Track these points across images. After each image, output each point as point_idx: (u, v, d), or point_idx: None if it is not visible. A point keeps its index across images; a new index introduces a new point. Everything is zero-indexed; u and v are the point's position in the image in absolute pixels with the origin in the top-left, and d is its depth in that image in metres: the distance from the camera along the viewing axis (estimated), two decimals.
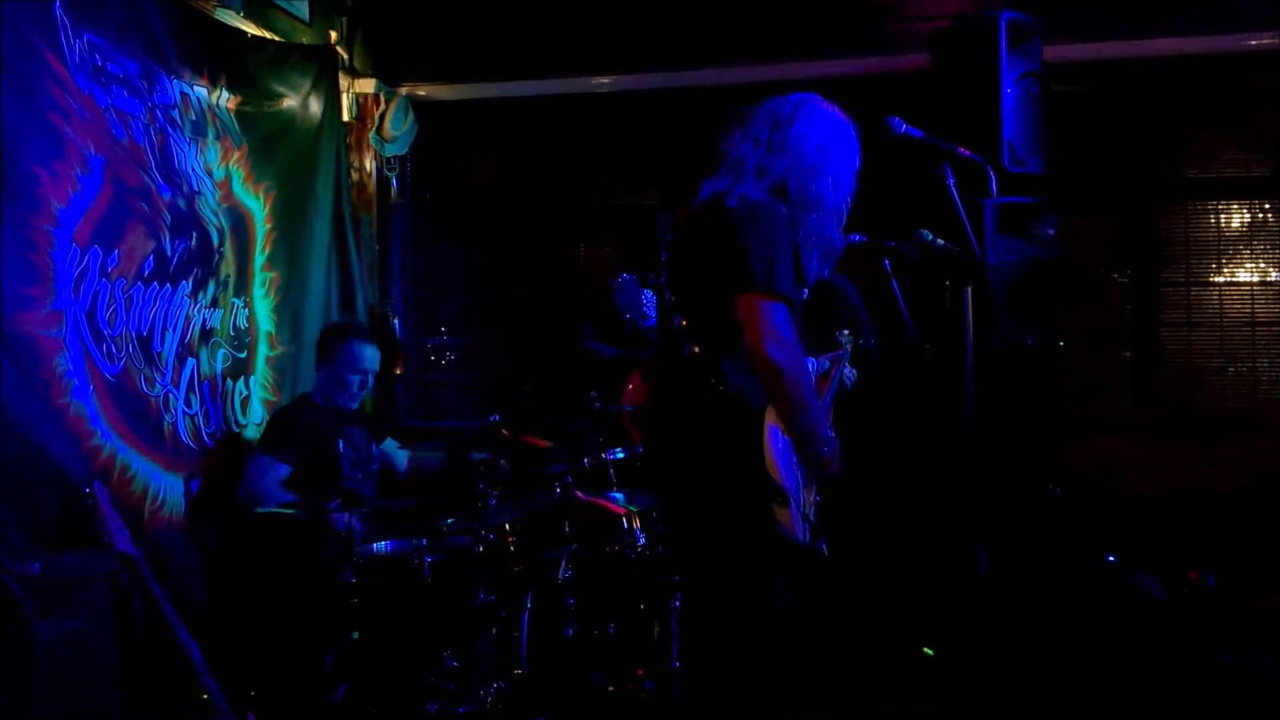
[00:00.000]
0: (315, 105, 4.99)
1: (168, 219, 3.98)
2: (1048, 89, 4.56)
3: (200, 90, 4.27)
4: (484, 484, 3.93)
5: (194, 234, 4.15)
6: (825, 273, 3.00)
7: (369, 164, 5.61)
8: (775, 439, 2.74)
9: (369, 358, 4.31)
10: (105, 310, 3.64)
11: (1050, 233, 4.59)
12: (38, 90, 3.38)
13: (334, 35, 5.31)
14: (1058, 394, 5.34)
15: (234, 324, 4.44)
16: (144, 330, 3.84)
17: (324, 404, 4.30)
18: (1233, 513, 4.85)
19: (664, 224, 3.09)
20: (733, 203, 2.81)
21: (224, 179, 4.39)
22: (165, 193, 3.98)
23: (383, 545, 3.91)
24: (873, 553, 4.82)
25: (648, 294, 4.11)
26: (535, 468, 4.27)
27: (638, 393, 4.61)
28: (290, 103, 4.85)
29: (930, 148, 3.35)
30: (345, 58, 5.42)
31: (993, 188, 4.00)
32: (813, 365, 3.07)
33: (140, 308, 3.82)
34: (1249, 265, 5.33)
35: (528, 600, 3.84)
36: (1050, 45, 4.58)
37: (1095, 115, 5.35)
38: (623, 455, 4.24)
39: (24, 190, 3.29)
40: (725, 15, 5.32)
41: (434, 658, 3.69)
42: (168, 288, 3.98)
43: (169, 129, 4.04)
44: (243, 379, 4.49)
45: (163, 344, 3.95)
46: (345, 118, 5.35)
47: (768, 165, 2.88)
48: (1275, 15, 4.91)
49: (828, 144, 2.92)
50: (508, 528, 4.01)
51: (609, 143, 5.79)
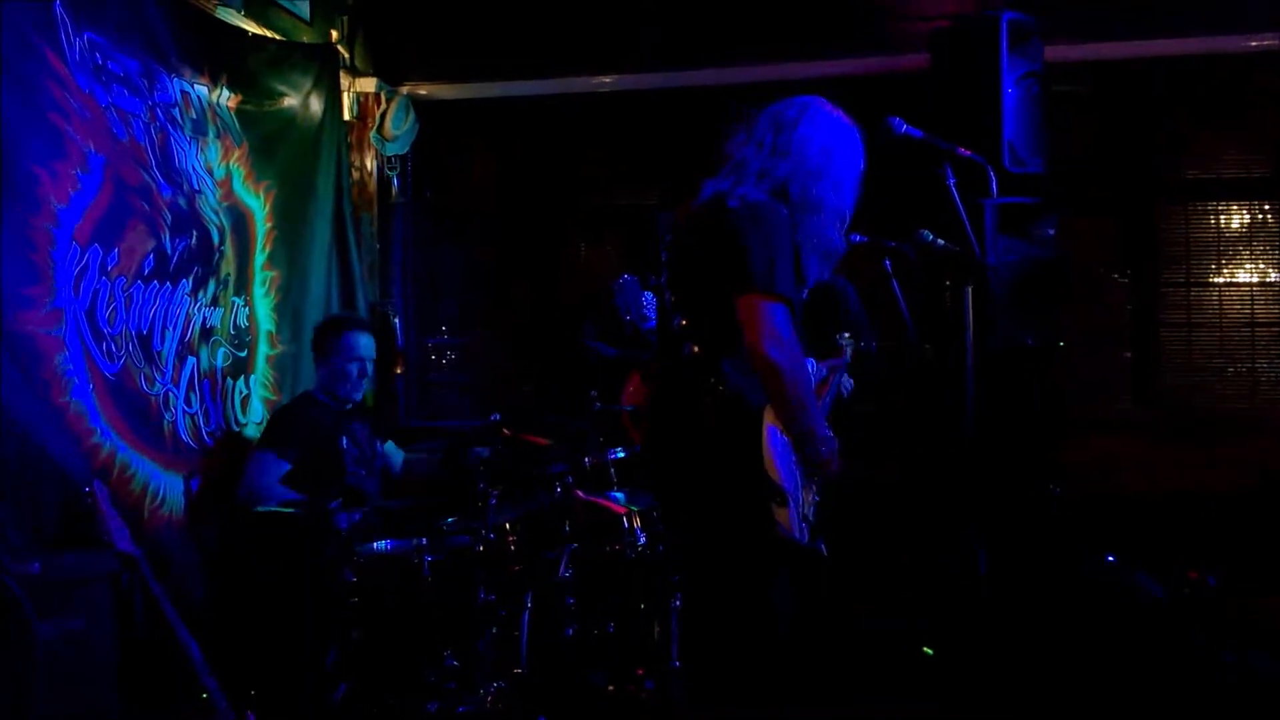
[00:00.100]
0: (316, 104, 4.99)
1: (168, 218, 3.98)
2: (1048, 89, 4.56)
3: (201, 89, 4.27)
4: (484, 483, 3.93)
5: (194, 233, 4.15)
6: (825, 275, 3.00)
7: (370, 163, 5.61)
8: (774, 439, 2.75)
9: (365, 345, 4.33)
10: (105, 309, 3.64)
11: (1050, 233, 4.59)
12: (38, 89, 3.37)
13: (335, 34, 5.31)
14: (1058, 394, 5.34)
15: (234, 323, 4.44)
16: (144, 329, 3.84)
17: (326, 401, 4.31)
18: (1232, 513, 4.85)
19: (665, 224, 3.09)
20: (733, 203, 2.81)
21: (224, 178, 4.39)
22: (166, 191, 3.98)
23: (383, 544, 3.91)
24: (873, 553, 4.82)
25: (648, 296, 4.11)
26: (536, 467, 4.27)
27: (637, 393, 4.61)
28: (291, 102, 4.85)
29: (930, 148, 3.35)
30: (346, 57, 5.41)
31: (993, 188, 4.00)
32: (811, 366, 3.07)
33: (140, 306, 3.82)
34: (1249, 266, 5.34)
35: (528, 600, 3.84)
36: (1051, 45, 4.59)
37: (1095, 115, 5.35)
38: (623, 455, 4.24)
39: (24, 189, 3.29)
40: (726, 15, 5.32)
41: (434, 657, 3.69)
42: (168, 286, 3.98)
43: (169, 128, 4.04)
44: (243, 378, 4.49)
45: (163, 343, 3.94)
46: (346, 117, 5.35)
47: (770, 168, 2.88)
48: (1276, 16, 4.91)
49: (831, 147, 2.92)
50: (508, 527, 4.01)
51: (610, 142, 5.79)
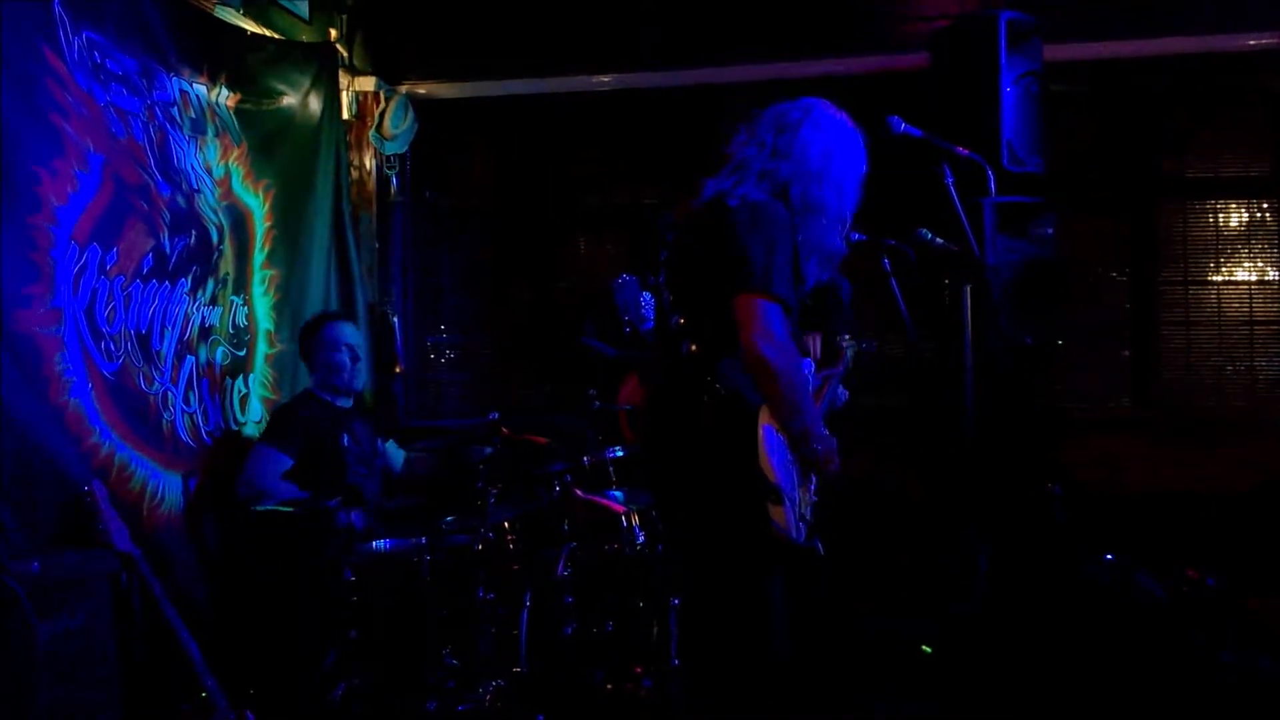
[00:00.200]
0: (315, 103, 4.99)
1: (167, 217, 3.97)
2: (1047, 88, 4.56)
3: (199, 88, 4.26)
4: (483, 482, 3.93)
5: (193, 232, 4.15)
6: (824, 278, 3.00)
7: (369, 162, 5.61)
8: (770, 438, 2.75)
9: (348, 333, 4.37)
10: (104, 308, 3.63)
11: (1049, 232, 4.59)
12: (37, 88, 3.37)
13: (334, 33, 5.31)
14: (1057, 393, 5.36)
15: (233, 322, 4.44)
16: (143, 328, 3.84)
17: (327, 399, 4.31)
18: (1231, 512, 4.85)
19: (665, 224, 3.09)
20: (733, 202, 2.81)
21: (223, 177, 4.39)
22: (164, 190, 3.97)
23: (382, 543, 3.91)
24: (873, 553, 4.82)
25: (647, 296, 4.11)
26: (534, 466, 4.27)
27: (634, 393, 4.61)
28: (290, 101, 4.84)
29: (930, 147, 3.36)
30: (345, 55, 5.41)
31: (992, 187, 4.01)
32: (808, 368, 3.07)
33: (139, 305, 3.82)
34: (1247, 264, 5.34)
35: (527, 598, 3.84)
36: (1050, 45, 4.59)
37: (1094, 114, 5.36)
38: (622, 454, 4.25)
39: (24, 188, 3.28)
40: (725, 14, 5.32)
41: (433, 656, 3.69)
42: (166, 285, 3.97)
43: (168, 127, 4.04)
44: (242, 377, 4.49)
45: (161, 342, 3.94)
46: (345, 116, 5.34)
47: (772, 169, 2.88)
48: (1275, 15, 4.91)
49: (833, 150, 2.92)
50: (507, 526, 4.01)
51: (609, 141, 5.79)
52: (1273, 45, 5.01)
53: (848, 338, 3.51)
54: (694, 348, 2.85)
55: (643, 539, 3.95)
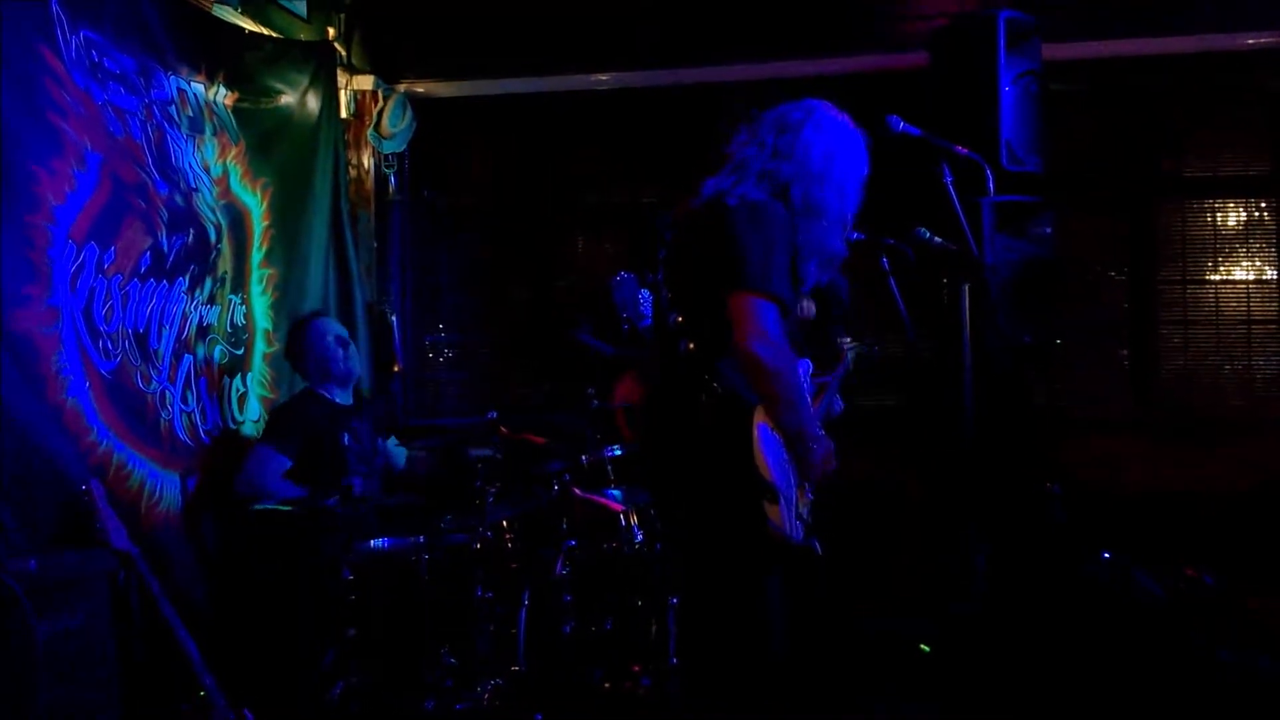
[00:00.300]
0: (313, 102, 4.98)
1: (165, 215, 3.97)
2: (1046, 88, 4.56)
3: (197, 87, 4.26)
4: (481, 481, 3.93)
5: (191, 231, 4.14)
6: (824, 280, 3.00)
7: (367, 161, 5.61)
8: (765, 436, 2.75)
9: (332, 326, 4.41)
10: (102, 307, 3.63)
11: (1048, 231, 4.60)
12: (36, 87, 3.36)
13: (332, 32, 5.30)
14: (1056, 392, 5.36)
15: (231, 321, 4.43)
16: (140, 327, 3.83)
17: (326, 395, 4.31)
18: (1230, 510, 4.85)
19: (664, 223, 3.09)
20: (732, 201, 2.81)
21: (221, 175, 4.39)
22: (162, 189, 3.97)
23: (381, 542, 3.91)
24: (872, 553, 4.82)
25: (645, 294, 4.11)
26: (533, 465, 4.27)
27: (631, 391, 4.61)
28: (288, 99, 4.84)
29: (928, 146, 3.36)
30: (343, 54, 5.41)
31: (990, 186, 4.01)
32: (806, 369, 3.06)
33: (137, 304, 3.82)
34: (1245, 264, 5.34)
35: (525, 597, 3.84)
36: (1049, 44, 4.59)
37: (1093, 114, 5.36)
38: (620, 453, 4.25)
39: (22, 187, 3.28)
40: (724, 13, 5.32)
41: (432, 654, 3.69)
42: (164, 284, 3.97)
43: (166, 125, 4.03)
44: (240, 376, 4.48)
45: (159, 341, 3.94)
46: (343, 114, 5.35)
47: (773, 170, 2.88)
48: (1273, 14, 4.92)
49: (834, 151, 2.92)
50: (505, 525, 4.02)
51: (607, 140, 5.79)
52: (1271, 44, 5.02)
53: (849, 339, 3.50)
54: (692, 346, 2.85)
55: (641, 538, 3.95)
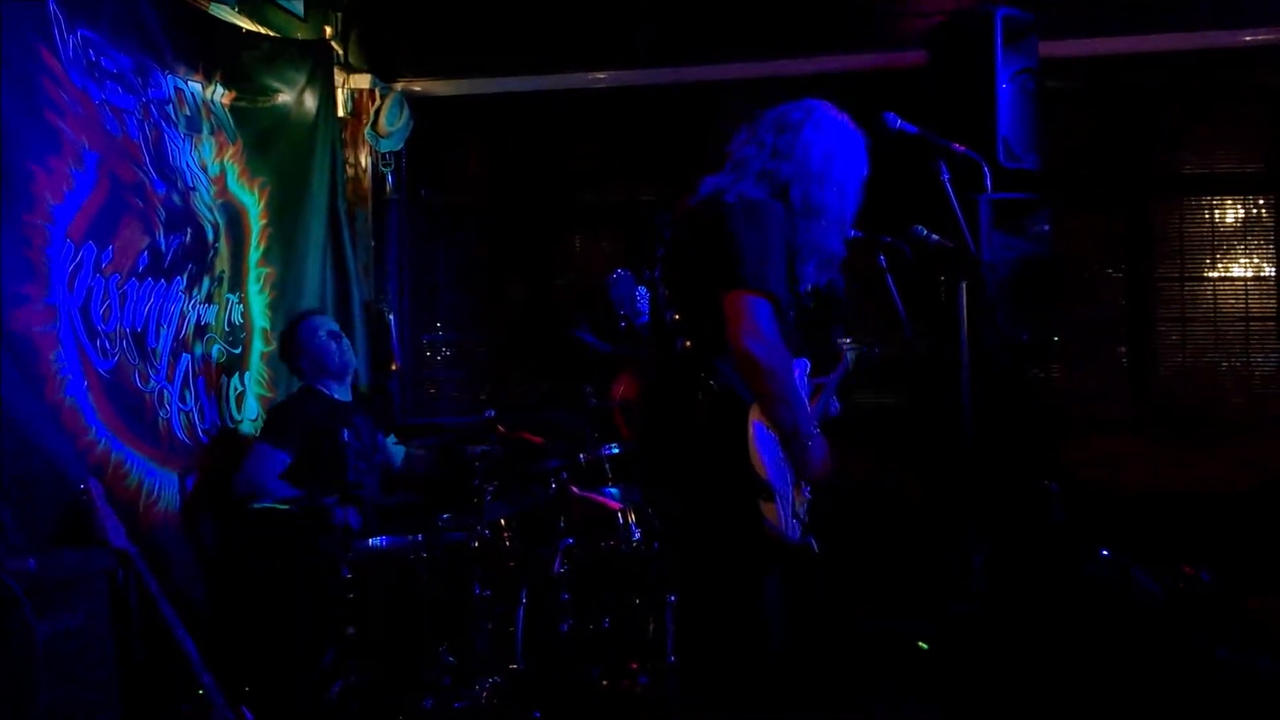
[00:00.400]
0: (310, 101, 4.98)
1: (162, 214, 3.97)
2: (1043, 85, 4.56)
3: (195, 85, 4.26)
4: (479, 479, 3.93)
5: (189, 229, 4.14)
6: (822, 280, 3.00)
7: (364, 160, 5.60)
8: (760, 434, 2.75)
9: (323, 322, 4.43)
10: (100, 306, 3.63)
11: (1045, 229, 4.60)
12: (33, 86, 3.36)
13: (329, 30, 5.30)
14: (1054, 389, 5.36)
15: (229, 320, 4.43)
16: (138, 326, 3.83)
17: (325, 392, 4.31)
18: (1229, 508, 4.85)
19: (662, 221, 3.09)
20: (730, 199, 2.82)
21: (219, 174, 4.39)
22: (160, 188, 3.97)
23: (378, 541, 3.91)
24: (873, 553, 4.82)
25: (642, 291, 4.11)
26: (530, 463, 4.27)
27: (628, 390, 4.61)
28: (285, 98, 4.84)
29: (926, 143, 3.35)
30: (340, 53, 5.41)
31: (988, 183, 4.01)
32: (803, 369, 3.06)
33: (135, 303, 3.81)
34: (1243, 261, 5.35)
35: (523, 595, 3.84)
36: (1046, 41, 4.59)
37: (1090, 111, 5.36)
38: (618, 451, 4.25)
39: (20, 186, 3.28)
40: (721, 11, 5.31)
41: (430, 653, 3.69)
42: (162, 283, 3.97)
43: (163, 124, 4.03)
44: (238, 375, 4.48)
45: (157, 340, 3.94)
46: (340, 113, 5.34)
47: (772, 169, 2.89)
48: (1270, 11, 4.92)
49: (834, 151, 2.92)
50: (503, 523, 4.01)
51: (604, 138, 5.79)
52: (1269, 41, 5.01)
53: (849, 340, 3.50)
54: (688, 344, 2.85)
55: (639, 536, 3.95)
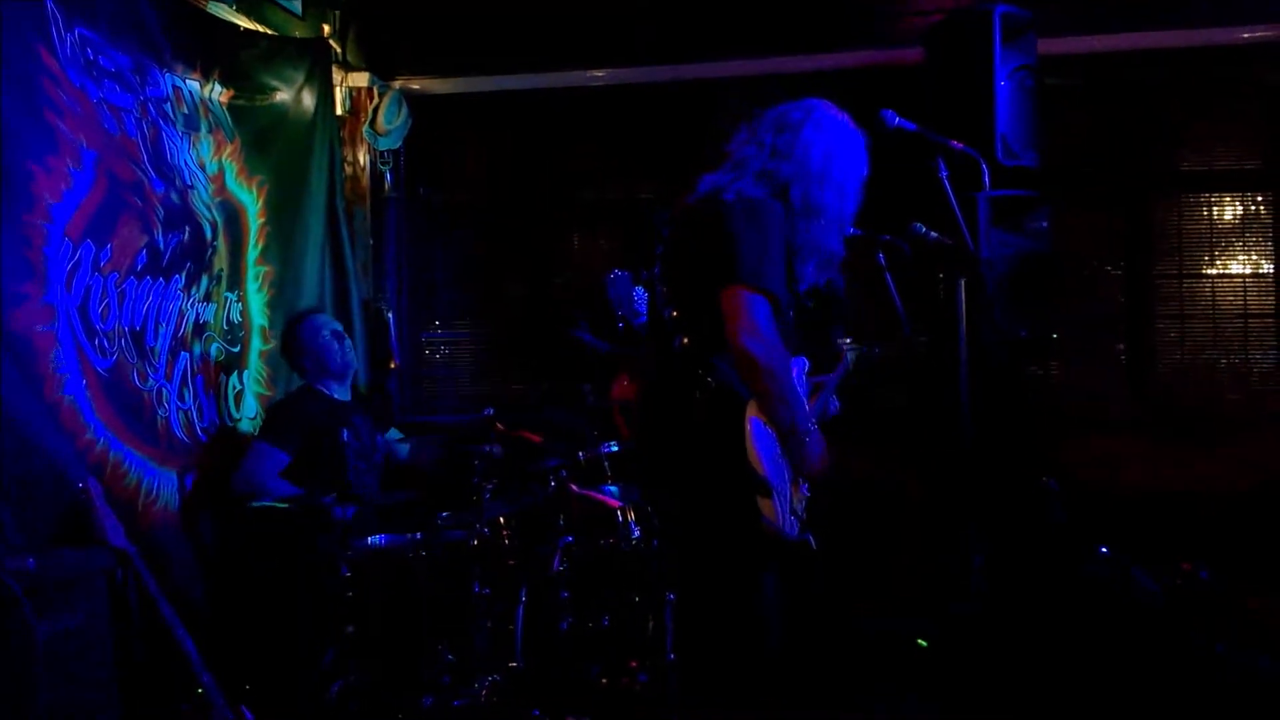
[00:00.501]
0: (308, 99, 4.98)
1: (160, 213, 3.97)
2: (1042, 82, 4.56)
3: (193, 84, 4.25)
4: (478, 478, 3.93)
5: (187, 228, 4.14)
6: (821, 280, 3.00)
7: (362, 158, 5.60)
8: (757, 431, 2.75)
9: (326, 321, 4.43)
10: (98, 305, 3.62)
11: (1043, 226, 4.60)
12: (32, 85, 3.36)
13: (327, 29, 5.30)
14: (1052, 386, 5.36)
15: (227, 318, 4.43)
16: (137, 325, 3.83)
17: (325, 391, 4.31)
18: (1227, 507, 4.86)
19: (661, 220, 3.10)
20: (729, 197, 2.82)
21: (217, 173, 4.38)
22: (158, 187, 3.96)
23: (378, 539, 3.92)
24: (872, 552, 4.82)
25: (640, 291, 4.11)
26: (530, 462, 4.27)
27: (627, 388, 4.61)
28: (283, 96, 4.83)
29: (924, 141, 3.35)
30: (338, 51, 5.41)
31: (986, 181, 4.00)
32: (801, 369, 3.06)
33: (133, 302, 3.81)
34: (1242, 258, 5.35)
35: (522, 594, 3.84)
36: (1044, 39, 4.59)
37: (1089, 108, 5.36)
38: (617, 449, 4.25)
39: (19, 185, 3.27)
40: (720, 9, 5.31)
41: (429, 651, 3.69)
42: (160, 282, 3.97)
43: (161, 123, 4.03)
44: (236, 373, 4.48)
45: (156, 338, 3.94)
46: (339, 112, 5.34)
47: (772, 169, 2.89)
48: (1269, 8, 4.92)
49: (834, 151, 2.92)
50: (502, 521, 4.01)
51: (603, 136, 5.79)
52: (1267, 38, 5.01)
53: (849, 340, 3.50)
54: (686, 342, 2.85)
55: (638, 534, 3.95)
